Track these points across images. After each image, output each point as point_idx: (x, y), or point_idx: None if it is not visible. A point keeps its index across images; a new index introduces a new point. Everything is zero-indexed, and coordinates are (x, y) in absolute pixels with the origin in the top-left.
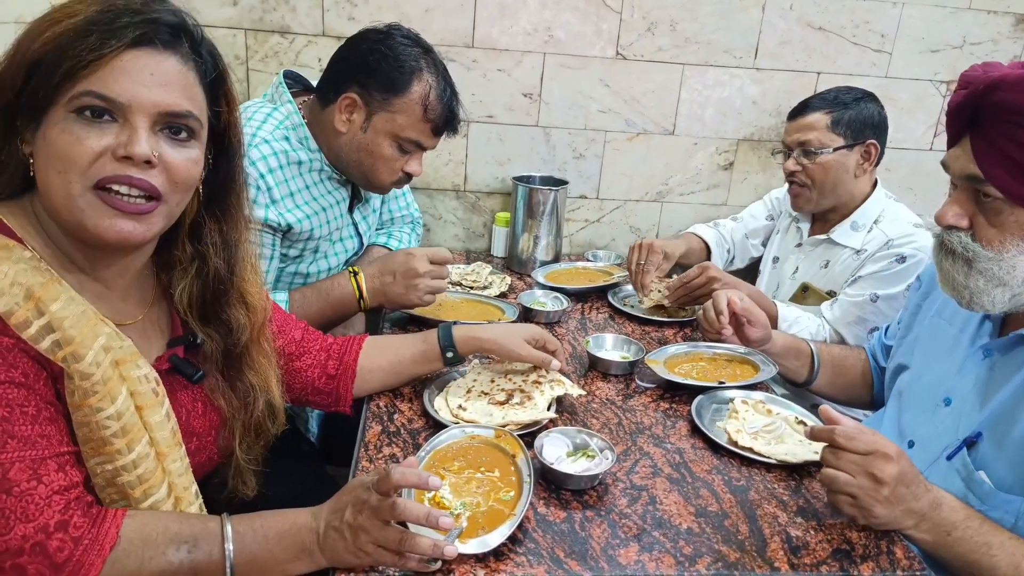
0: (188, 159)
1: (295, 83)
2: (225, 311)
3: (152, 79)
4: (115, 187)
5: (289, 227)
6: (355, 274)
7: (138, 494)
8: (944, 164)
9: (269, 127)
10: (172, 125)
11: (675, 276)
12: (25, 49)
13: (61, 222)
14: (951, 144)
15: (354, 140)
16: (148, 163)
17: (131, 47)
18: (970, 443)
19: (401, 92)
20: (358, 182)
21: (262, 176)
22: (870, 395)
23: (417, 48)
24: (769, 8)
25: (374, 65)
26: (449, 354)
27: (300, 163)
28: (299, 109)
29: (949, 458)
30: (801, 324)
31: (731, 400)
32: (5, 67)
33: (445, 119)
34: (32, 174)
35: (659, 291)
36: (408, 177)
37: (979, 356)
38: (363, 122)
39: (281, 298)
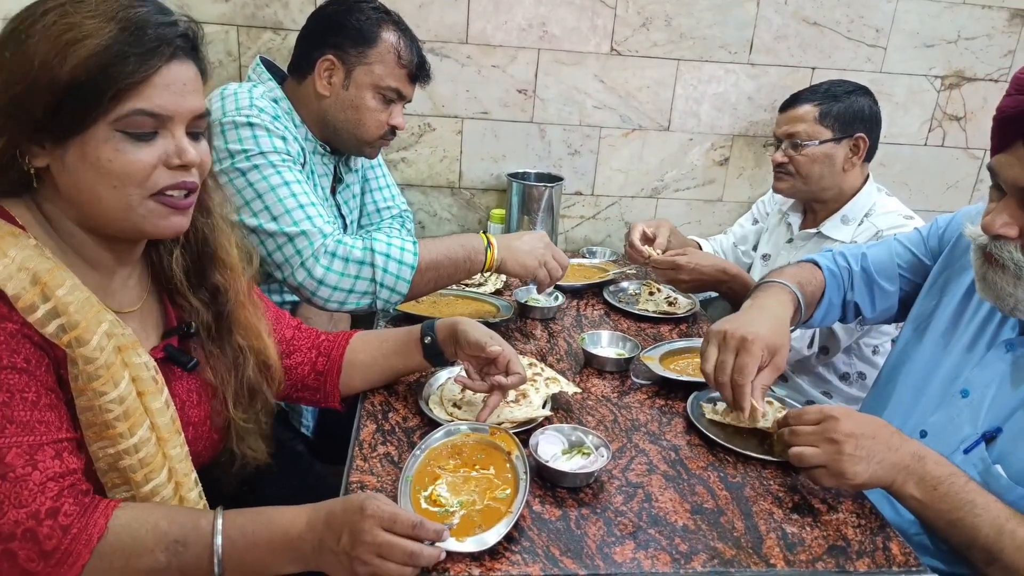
0: (206, 152)
1: (270, 71)
2: (209, 276)
3: (185, 88)
4: (170, 192)
5: (304, 164)
6: (486, 232)
7: (139, 478)
8: (992, 169)
9: (258, 92)
10: (196, 128)
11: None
12: (50, 68)
13: (106, 224)
14: (1000, 149)
15: (338, 100)
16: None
17: (166, 62)
18: (988, 437)
19: (373, 43)
20: (347, 145)
21: (276, 118)
22: (807, 319)
23: (373, 7)
24: (764, 3)
25: (342, 25)
26: (427, 339)
27: (296, 126)
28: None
29: (967, 452)
30: None
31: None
32: (24, 89)
33: (418, 64)
34: (32, 177)
35: (656, 254)
36: (393, 132)
37: (1002, 350)
38: (344, 80)
39: (408, 237)
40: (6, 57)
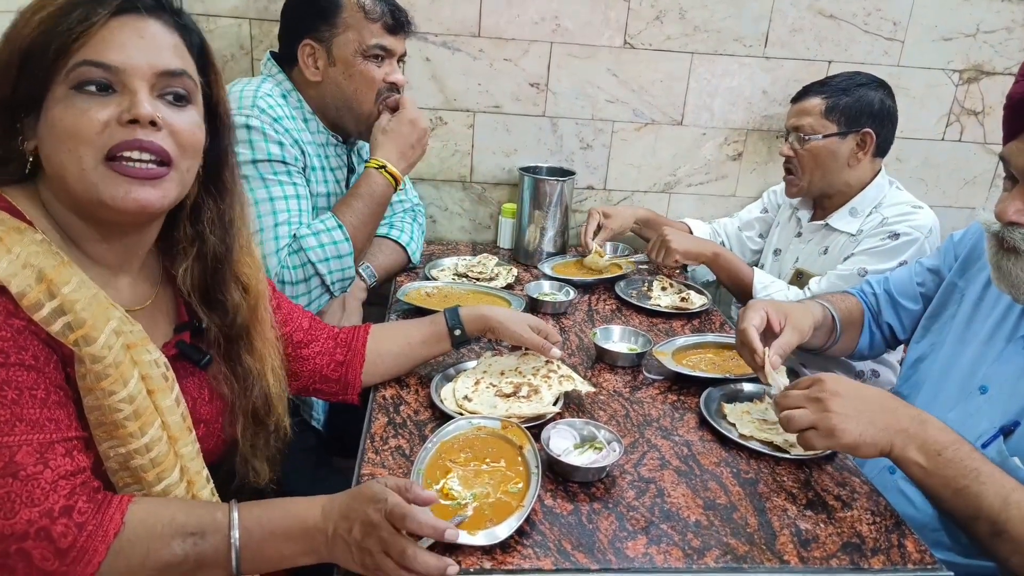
0: (191, 122)
1: (281, 65)
2: (223, 292)
3: (142, 42)
4: (126, 154)
5: (305, 167)
6: (382, 167)
7: (151, 477)
8: (1003, 158)
9: (266, 88)
10: (170, 89)
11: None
12: (15, 39)
13: (77, 200)
14: (1010, 137)
15: (330, 78)
16: (153, 124)
17: (116, 15)
18: (1006, 431)
19: (337, 11)
20: (354, 122)
21: (277, 120)
22: (855, 344)
23: None
24: None
25: (306, 7)
26: (457, 332)
27: (306, 120)
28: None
29: (984, 446)
30: (777, 286)
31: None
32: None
33: (390, 13)
34: (28, 168)
35: (598, 252)
36: (393, 88)
37: (1020, 345)
38: (327, 59)
39: (331, 222)
40: None
